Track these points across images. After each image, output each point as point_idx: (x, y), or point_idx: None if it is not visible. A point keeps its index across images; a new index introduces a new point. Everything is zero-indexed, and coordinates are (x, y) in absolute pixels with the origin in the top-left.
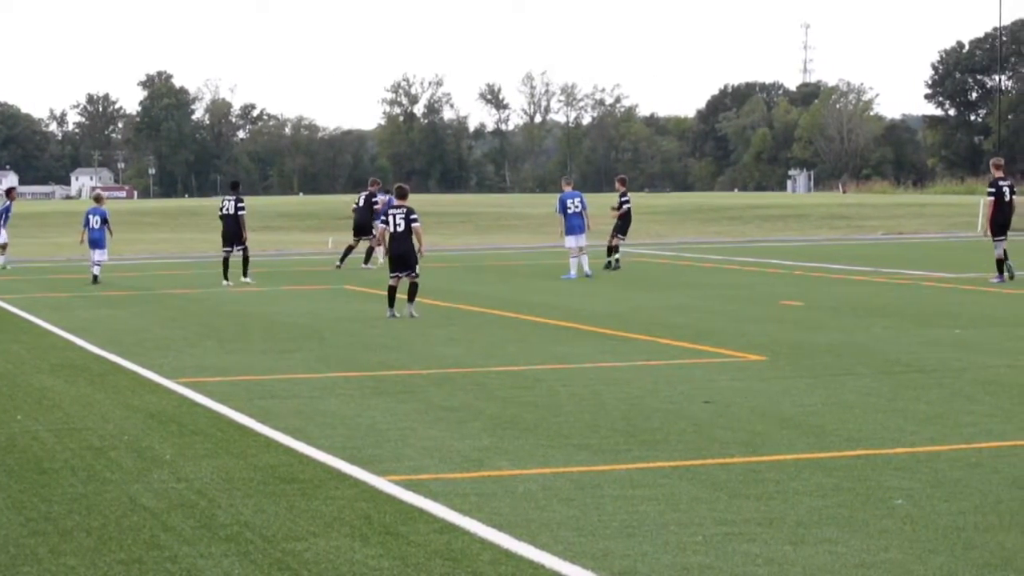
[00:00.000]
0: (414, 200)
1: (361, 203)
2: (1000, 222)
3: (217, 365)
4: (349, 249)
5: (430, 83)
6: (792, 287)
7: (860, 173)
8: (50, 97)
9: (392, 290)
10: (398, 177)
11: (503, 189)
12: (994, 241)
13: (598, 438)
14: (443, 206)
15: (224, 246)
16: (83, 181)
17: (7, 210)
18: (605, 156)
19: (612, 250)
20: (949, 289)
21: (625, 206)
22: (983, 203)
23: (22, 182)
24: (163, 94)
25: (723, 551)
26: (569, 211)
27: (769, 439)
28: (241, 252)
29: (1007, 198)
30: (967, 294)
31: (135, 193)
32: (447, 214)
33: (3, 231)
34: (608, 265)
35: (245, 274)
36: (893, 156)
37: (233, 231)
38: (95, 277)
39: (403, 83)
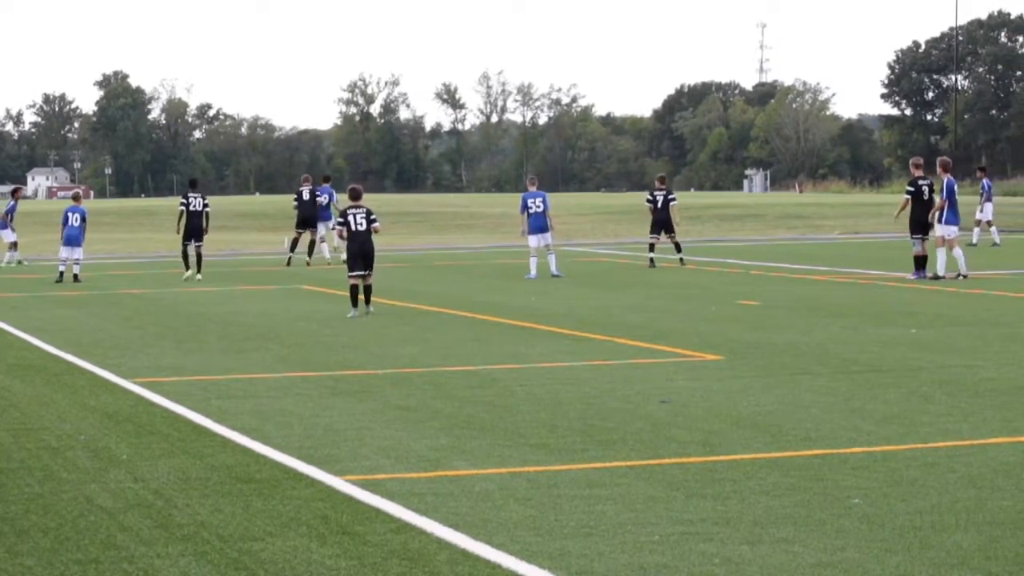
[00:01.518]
0: (370, 199)
1: (306, 196)
2: (919, 220)
3: (174, 365)
4: (295, 241)
5: (386, 83)
6: (749, 287)
7: (816, 173)
8: (6, 97)
9: (354, 289)
10: (354, 177)
11: (459, 189)
12: (912, 239)
13: (555, 438)
14: (400, 206)
15: (185, 240)
16: (39, 181)
17: (12, 209)
18: (561, 156)
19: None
20: (906, 289)
21: (672, 203)
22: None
23: None
24: (119, 94)
25: (680, 551)
26: (531, 211)
27: (726, 439)
28: (198, 248)
29: (926, 197)
30: (924, 294)
31: (91, 193)
32: (404, 214)
33: (10, 230)
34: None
35: (199, 271)
36: (849, 156)
37: (198, 226)
38: (74, 276)
39: (359, 83)
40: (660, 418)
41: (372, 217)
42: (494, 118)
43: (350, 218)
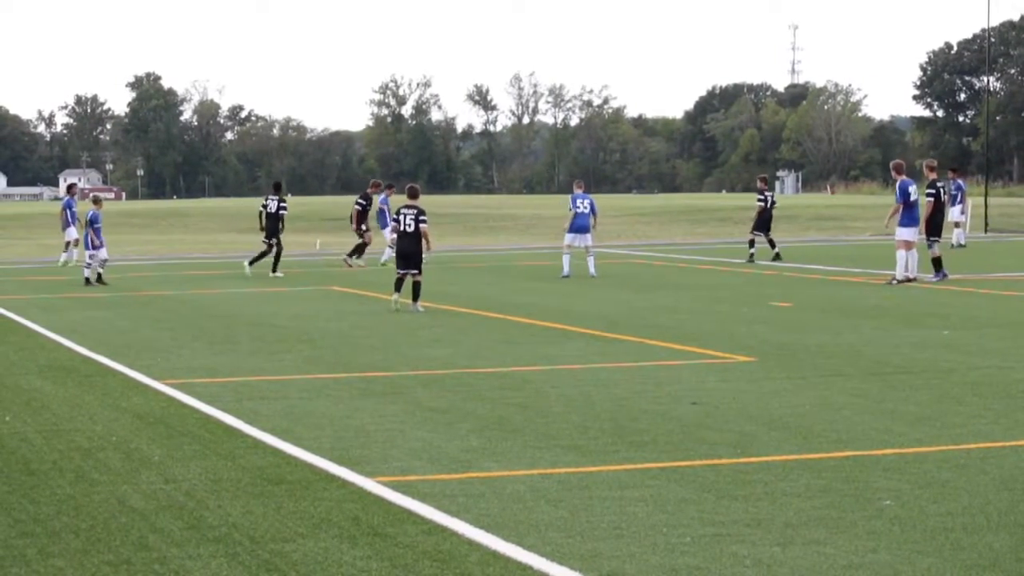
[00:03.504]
0: (403, 201)
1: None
2: (937, 222)
3: (206, 366)
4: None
5: (418, 84)
6: (781, 288)
7: (848, 174)
8: (38, 98)
9: (400, 279)
10: (386, 178)
11: (491, 190)
12: (929, 241)
13: (586, 439)
14: (431, 207)
15: (264, 239)
16: (71, 182)
17: (70, 205)
18: (593, 157)
19: (751, 244)
20: (938, 290)
21: (759, 204)
22: (919, 204)
23: (10, 184)
24: (151, 95)
25: (711, 552)
26: (578, 210)
27: (757, 440)
28: (275, 248)
29: (943, 199)
30: (955, 295)
31: (123, 194)
32: (435, 215)
33: (72, 228)
34: (750, 258)
35: (274, 269)
36: (881, 157)
37: (270, 227)
38: (99, 276)
39: (391, 84)
40: (691, 420)
41: (422, 217)
42: (525, 119)
43: (400, 218)
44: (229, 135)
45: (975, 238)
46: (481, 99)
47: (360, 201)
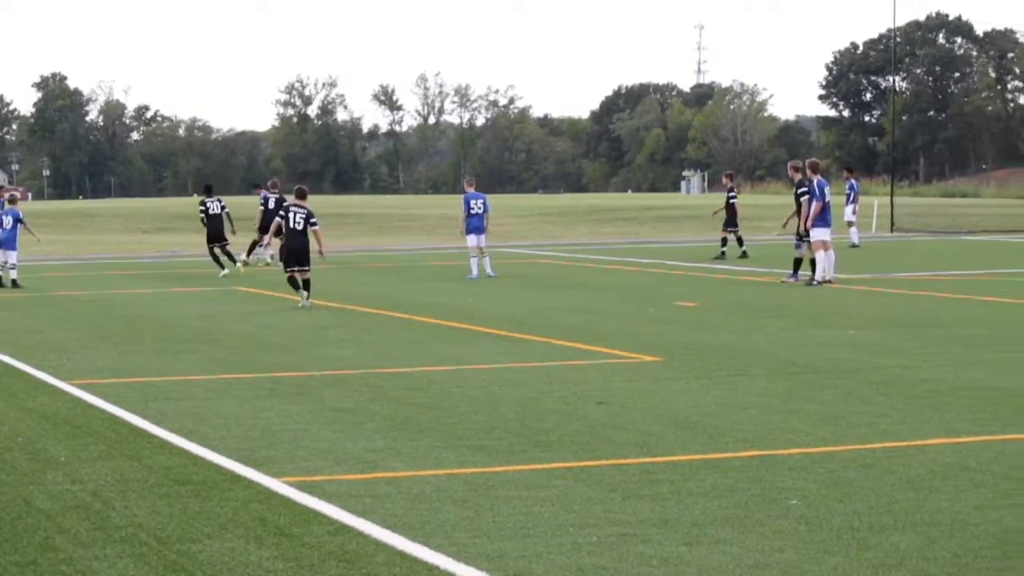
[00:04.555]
0: (309, 200)
1: (218, 210)
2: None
3: (111, 367)
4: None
5: (324, 84)
6: (687, 288)
7: (754, 174)
8: None
9: (293, 279)
10: (292, 178)
11: (397, 190)
12: (798, 241)
13: (492, 439)
14: (337, 207)
15: (210, 243)
16: None
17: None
18: (499, 157)
19: (723, 241)
20: (843, 290)
21: (732, 201)
22: (805, 203)
23: None
24: (57, 96)
25: (618, 552)
26: (472, 212)
27: (664, 440)
28: (223, 247)
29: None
30: (863, 295)
31: (30, 195)
32: (341, 215)
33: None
34: (721, 255)
35: (234, 261)
36: (787, 157)
37: (221, 228)
38: (12, 281)
39: (297, 84)
40: (598, 419)
41: (313, 219)
42: (431, 119)
43: (290, 215)
44: (135, 135)
45: (881, 238)
46: (387, 99)
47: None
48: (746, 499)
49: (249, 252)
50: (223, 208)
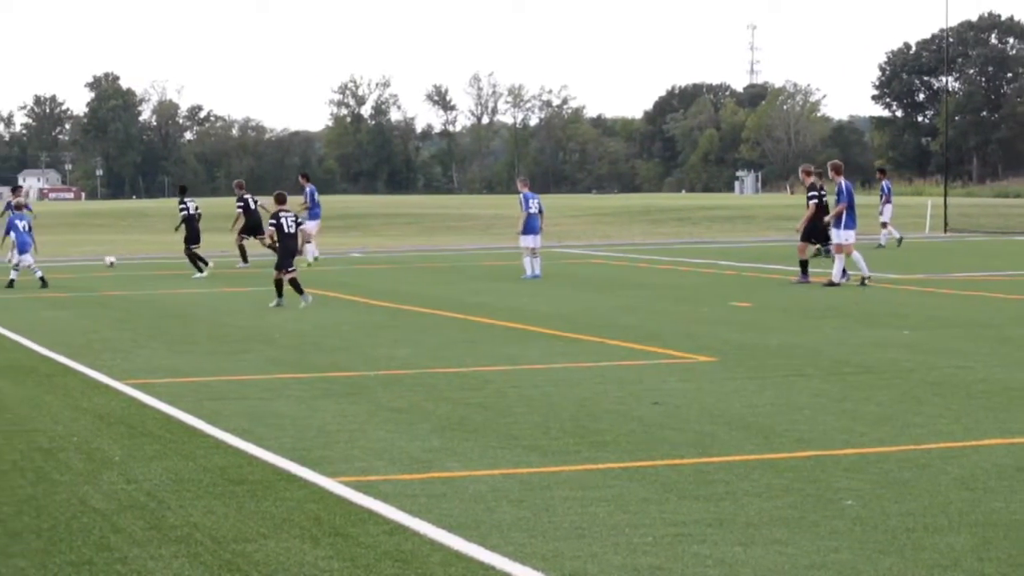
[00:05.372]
0: (361, 201)
1: (252, 205)
2: (818, 225)
3: (166, 366)
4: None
5: (377, 84)
6: (741, 288)
7: None
8: None
9: (280, 283)
10: (345, 178)
11: (450, 190)
12: (822, 244)
13: (548, 439)
14: (391, 208)
15: (188, 244)
16: (30, 183)
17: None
18: (552, 157)
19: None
20: (897, 290)
21: (812, 201)
22: (812, 207)
23: None
24: (110, 95)
25: (673, 552)
26: (531, 210)
27: (719, 440)
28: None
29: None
30: (916, 295)
31: (83, 195)
32: (395, 215)
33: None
34: (822, 253)
35: (206, 264)
36: (840, 157)
37: (197, 231)
38: (42, 279)
39: (350, 84)
40: (653, 420)
41: (300, 221)
42: (485, 119)
43: (282, 221)
44: (188, 135)
45: (935, 238)
46: (440, 99)
47: (240, 204)
48: (801, 499)
49: (243, 256)
50: (196, 209)
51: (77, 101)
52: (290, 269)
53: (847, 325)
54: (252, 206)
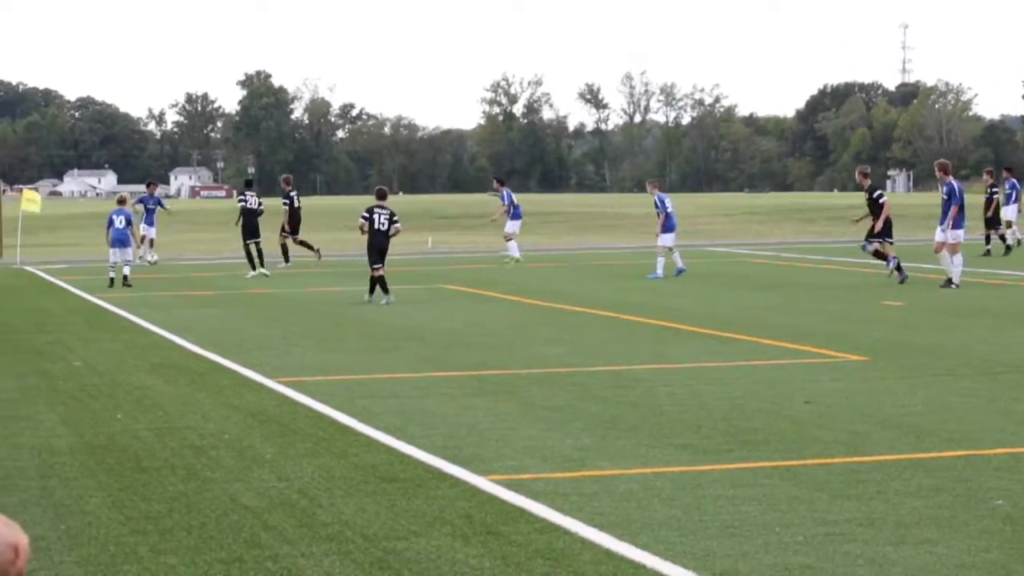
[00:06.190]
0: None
1: (257, 205)
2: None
3: (317, 364)
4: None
5: (529, 83)
6: (893, 287)
7: (959, 174)
8: (149, 96)
9: (374, 280)
10: (497, 176)
11: (602, 189)
12: (875, 240)
13: (699, 438)
14: (543, 206)
15: (245, 239)
16: (182, 180)
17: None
18: (704, 156)
19: (987, 239)
20: None
21: (995, 197)
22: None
23: (121, 181)
24: (262, 93)
25: (824, 551)
26: (669, 210)
27: (870, 440)
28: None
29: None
30: None
31: (234, 192)
32: (547, 214)
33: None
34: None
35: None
36: (992, 156)
37: (254, 224)
38: (125, 278)
39: (502, 83)
40: (804, 419)
41: (395, 218)
42: (637, 118)
43: (374, 216)
44: (340, 133)
45: None
46: (592, 98)
47: (286, 201)
48: (951, 499)
49: (285, 256)
50: (260, 205)
51: (229, 99)
52: (375, 267)
53: (999, 325)
54: (296, 204)
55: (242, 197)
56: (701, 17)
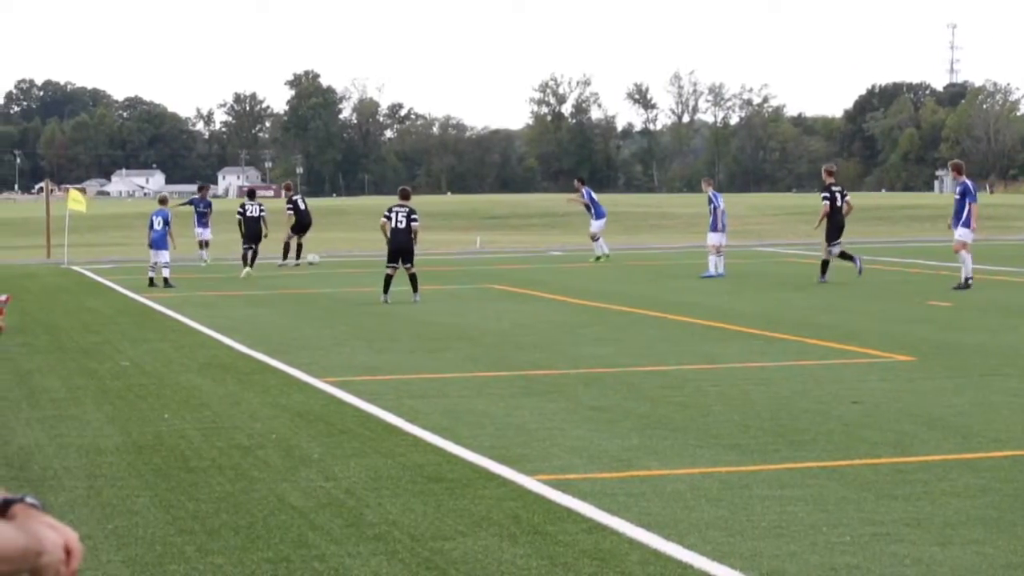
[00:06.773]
0: (563, 200)
1: (258, 213)
2: (835, 224)
3: (365, 364)
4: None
5: (578, 83)
6: (940, 287)
7: (1007, 174)
8: (197, 96)
9: (388, 278)
10: (546, 176)
11: (651, 189)
12: (830, 245)
13: (747, 438)
14: None
15: (245, 243)
16: (230, 180)
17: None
18: (752, 156)
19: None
20: None
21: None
22: (825, 206)
23: (169, 181)
24: (310, 93)
25: (871, 552)
26: (721, 207)
27: (917, 440)
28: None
29: (838, 203)
30: None
31: (283, 192)
32: None
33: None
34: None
35: (252, 265)
36: None
37: (255, 231)
38: (164, 280)
39: (551, 83)
40: (852, 419)
41: (414, 216)
42: (685, 118)
43: (393, 214)
44: (388, 133)
45: None
46: (641, 98)
47: (289, 206)
48: (999, 499)
49: (285, 254)
50: (261, 210)
51: (277, 99)
52: (391, 265)
53: None
54: (303, 206)
55: (241, 209)
56: (749, 17)
